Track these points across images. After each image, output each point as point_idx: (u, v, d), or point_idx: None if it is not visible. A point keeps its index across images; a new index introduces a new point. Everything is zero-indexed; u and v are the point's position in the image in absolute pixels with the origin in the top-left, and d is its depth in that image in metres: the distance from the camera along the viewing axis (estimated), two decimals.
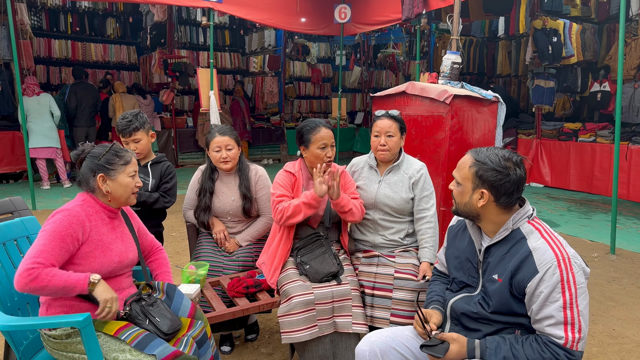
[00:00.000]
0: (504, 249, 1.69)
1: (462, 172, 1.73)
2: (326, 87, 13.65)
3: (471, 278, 1.80)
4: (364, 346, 1.84)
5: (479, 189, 1.68)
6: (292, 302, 2.38)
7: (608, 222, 6.05)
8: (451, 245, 1.94)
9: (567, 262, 1.56)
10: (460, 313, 1.76)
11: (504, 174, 1.64)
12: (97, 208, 1.99)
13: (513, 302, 1.64)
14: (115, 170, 1.97)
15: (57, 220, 1.84)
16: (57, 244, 1.82)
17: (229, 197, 2.89)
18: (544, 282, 1.55)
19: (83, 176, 1.98)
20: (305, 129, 2.64)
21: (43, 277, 1.75)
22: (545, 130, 8.71)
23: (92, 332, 1.77)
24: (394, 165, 2.68)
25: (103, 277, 1.93)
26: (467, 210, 1.73)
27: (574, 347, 1.53)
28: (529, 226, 1.68)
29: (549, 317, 1.55)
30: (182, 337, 1.97)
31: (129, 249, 2.06)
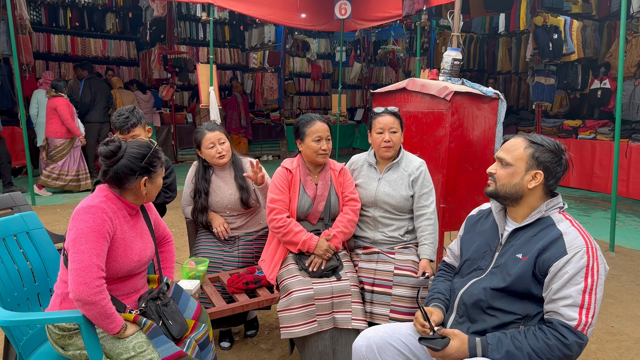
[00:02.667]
0: (533, 232, 1.72)
1: (516, 152, 1.74)
2: (326, 83, 13.63)
3: (483, 261, 1.83)
4: (361, 342, 1.84)
5: (532, 170, 1.71)
6: (291, 297, 2.38)
7: (607, 219, 6.06)
8: (469, 231, 1.98)
9: (595, 251, 1.60)
10: (470, 303, 1.77)
11: (558, 157, 1.70)
12: (119, 205, 1.92)
13: (532, 282, 1.65)
14: (156, 173, 1.94)
15: (90, 219, 1.77)
16: (104, 243, 1.78)
17: (226, 192, 2.89)
18: (571, 263, 1.58)
19: (119, 175, 1.87)
20: (301, 123, 2.64)
21: (104, 296, 1.75)
22: (545, 127, 8.71)
23: (92, 328, 1.77)
24: (393, 163, 2.68)
25: (121, 277, 1.91)
26: (514, 191, 1.74)
27: (585, 330, 1.55)
28: (559, 215, 1.73)
29: (567, 297, 1.57)
30: (186, 339, 1.97)
31: (147, 246, 2.03)
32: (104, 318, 1.75)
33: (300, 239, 2.52)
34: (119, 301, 1.92)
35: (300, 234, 2.53)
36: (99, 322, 1.76)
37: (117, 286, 1.93)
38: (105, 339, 1.84)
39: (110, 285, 1.90)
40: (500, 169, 1.79)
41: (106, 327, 1.78)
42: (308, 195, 2.62)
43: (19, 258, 2.11)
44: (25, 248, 2.16)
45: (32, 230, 2.22)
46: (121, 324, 1.81)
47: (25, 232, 2.18)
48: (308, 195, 2.62)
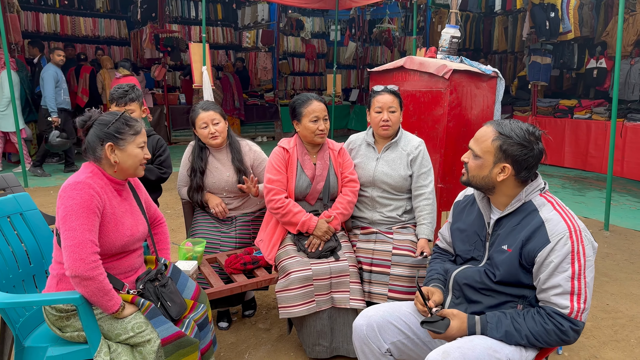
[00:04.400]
0: (516, 220, 1.68)
1: (484, 145, 1.68)
2: (320, 63, 13.48)
3: (477, 252, 1.80)
4: (362, 320, 1.84)
5: (500, 163, 1.65)
6: (290, 277, 2.37)
7: (602, 199, 6.09)
8: (457, 219, 1.92)
9: (578, 234, 1.57)
10: (464, 283, 1.76)
11: (528, 149, 1.62)
12: (105, 180, 1.90)
13: (521, 272, 1.64)
14: (125, 140, 1.89)
15: (77, 195, 1.75)
16: (94, 218, 1.76)
17: (223, 174, 2.86)
18: (555, 252, 1.55)
19: (89, 144, 1.88)
20: (297, 103, 2.60)
21: (101, 271, 1.74)
22: (540, 107, 8.68)
23: (89, 309, 1.76)
24: (392, 142, 2.65)
25: (115, 254, 1.90)
26: (484, 183, 1.71)
27: (579, 317, 1.55)
28: (541, 199, 1.68)
29: (556, 286, 1.55)
30: (184, 319, 1.96)
31: (139, 222, 2.01)
32: (102, 295, 1.74)
33: (300, 219, 2.50)
34: (117, 279, 1.90)
35: (299, 214, 2.51)
36: (97, 300, 1.74)
37: (114, 264, 1.92)
38: (104, 319, 1.83)
39: (107, 264, 1.89)
40: (471, 159, 1.73)
41: (105, 305, 1.77)
42: (306, 175, 2.59)
43: (13, 240, 2.08)
44: (19, 229, 2.13)
45: (26, 212, 2.18)
46: (119, 302, 1.80)
47: (19, 213, 2.15)
48: (306, 175, 2.59)
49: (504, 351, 1.57)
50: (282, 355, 2.61)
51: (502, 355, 1.56)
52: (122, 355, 1.79)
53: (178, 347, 1.82)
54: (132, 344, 1.81)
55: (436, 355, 1.53)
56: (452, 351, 1.52)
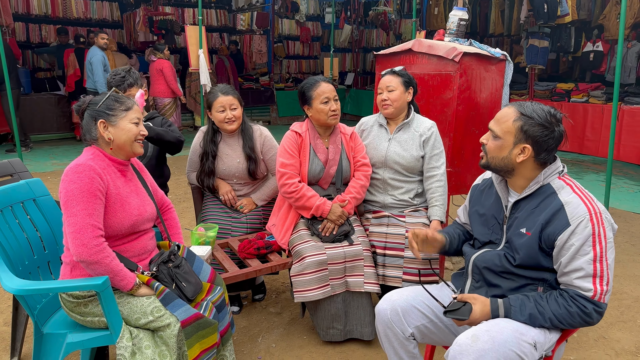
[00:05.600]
0: (534, 203, 1.68)
1: (504, 125, 1.67)
2: (315, 46, 13.34)
3: (495, 235, 1.80)
4: (385, 305, 1.84)
5: (521, 144, 1.64)
6: (305, 262, 2.37)
7: (600, 182, 6.15)
8: (476, 203, 1.92)
9: (599, 216, 1.57)
10: (484, 267, 1.77)
11: (549, 130, 1.61)
12: (107, 162, 1.90)
13: (540, 256, 1.64)
14: (116, 116, 1.89)
15: (77, 179, 1.76)
16: (96, 202, 1.76)
17: (234, 160, 2.83)
18: (576, 235, 1.55)
19: (85, 127, 1.90)
20: (306, 87, 2.58)
21: (107, 254, 1.75)
22: (537, 90, 8.69)
23: (111, 295, 1.74)
24: (404, 123, 2.64)
25: (125, 235, 1.90)
26: (503, 164, 1.70)
27: (602, 299, 1.56)
28: (559, 181, 1.67)
29: (579, 269, 1.56)
30: (202, 302, 1.96)
31: (146, 203, 2.01)
32: (113, 275, 1.76)
33: (314, 203, 2.49)
34: (131, 261, 1.91)
35: (313, 198, 2.50)
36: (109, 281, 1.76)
37: (126, 247, 1.92)
38: (122, 304, 1.82)
39: (119, 247, 1.89)
40: (490, 141, 1.73)
41: (118, 285, 1.79)
42: (319, 159, 2.58)
43: (27, 226, 2.05)
44: (33, 215, 2.10)
45: (39, 198, 2.16)
46: (133, 280, 1.81)
47: (32, 199, 2.12)
48: (319, 159, 2.58)
49: (529, 334, 1.59)
50: (296, 339, 2.62)
51: (528, 338, 1.57)
52: (144, 341, 1.79)
53: (197, 328, 1.82)
54: (152, 328, 1.81)
55: (465, 339, 1.53)
56: (481, 335, 1.53)
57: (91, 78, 7.48)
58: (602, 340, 2.65)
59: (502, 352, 1.50)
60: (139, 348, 1.78)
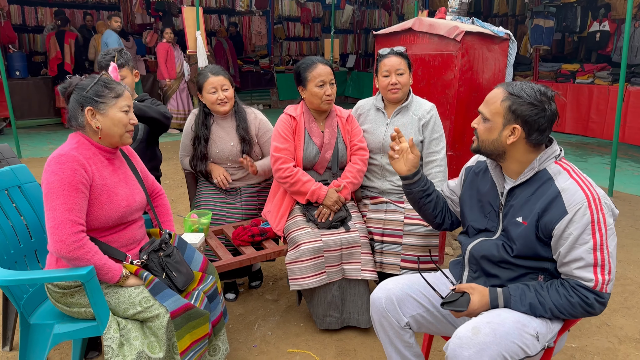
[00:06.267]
0: (530, 190, 1.60)
1: (493, 106, 1.59)
2: (316, 27, 13.14)
3: (491, 222, 1.72)
4: (380, 293, 1.78)
5: (510, 125, 1.56)
6: (300, 249, 2.31)
7: (604, 164, 6.06)
8: (470, 187, 1.84)
9: (597, 202, 1.49)
10: (481, 256, 1.70)
11: (539, 109, 1.52)
12: (93, 150, 1.81)
13: (538, 246, 1.57)
14: (106, 104, 1.78)
15: (59, 171, 1.67)
16: (77, 195, 1.68)
17: (227, 142, 2.75)
18: (574, 223, 1.48)
19: (71, 112, 1.80)
20: (302, 67, 2.48)
21: (87, 249, 1.67)
22: (542, 71, 8.54)
23: (97, 286, 1.69)
24: (402, 107, 2.55)
25: (113, 225, 1.83)
26: (493, 147, 1.62)
27: (604, 289, 1.49)
28: (556, 166, 1.59)
29: (578, 259, 1.49)
30: (193, 291, 1.90)
31: (135, 192, 1.93)
32: (97, 269, 1.69)
33: (309, 188, 2.42)
34: (119, 251, 1.84)
35: (308, 183, 2.43)
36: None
37: (114, 237, 1.85)
38: (110, 294, 1.77)
39: (107, 237, 1.83)
40: (480, 124, 1.65)
41: (103, 278, 1.73)
42: (314, 143, 2.50)
43: (12, 214, 1.99)
44: (18, 203, 2.03)
45: (25, 184, 2.09)
46: (119, 272, 1.75)
47: (17, 186, 2.05)
48: (314, 143, 2.50)
49: (532, 324, 1.53)
50: (292, 326, 2.58)
51: (530, 329, 1.51)
52: (132, 332, 1.73)
53: (188, 319, 1.77)
54: (141, 319, 1.76)
55: (465, 332, 1.47)
56: (482, 327, 1.47)
57: None
58: (605, 327, 2.60)
59: (504, 344, 1.44)
60: (127, 339, 1.73)
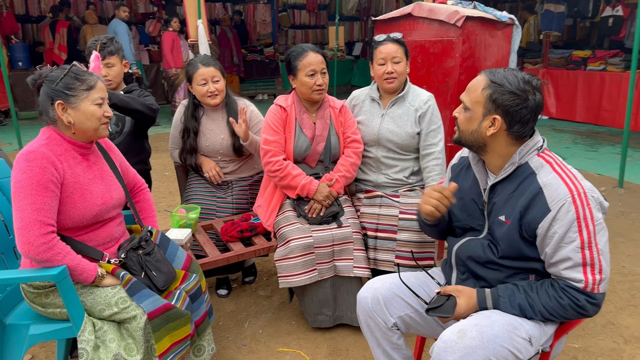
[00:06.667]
0: (511, 186, 1.49)
1: (473, 94, 1.48)
2: (322, 15, 12.94)
3: (476, 221, 1.62)
4: (366, 293, 1.70)
5: (490, 115, 1.45)
6: (289, 245, 2.22)
7: (615, 154, 5.88)
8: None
9: (582, 197, 1.37)
10: (467, 257, 1.60)
11: (522, 99, 1.41)
12: (65, 145, 1.72)
13: (524, 246, 1.47)
14: (77, 97, 1.68)
15: (27, 169, 1.59)
16: (46, 194, 1.59)
17: (217, 135, 2.66)
18: (558, 221, 1.37)
19: (42, 106, 1.70)
20: (292, 55, 2.37)
21: (57, 251, 1.59)
22: (552, 58, 8.30)
23: (70, 286, 1.61)
24: (398, 97, 2.43)
25: (88, 224, 1.75)
26: (473, 139, 1.52)
27: (595, 289, 1.39)
28: (538, 159, 1.47)
29: (566, 259, 1.39)
30: (175, 290, 1.82)
31: (112, 188, 1.84)
32: (69, 271, 1.61)
33: (299, 183, 2.33)
34: (96, 249, 1.77)
35: (298, 177, 2.33)
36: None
37: (89, 236, 1.77)
38: (85, 294, 1.69)
39: (82, 236, 1.75)
40: (461, 114, 1.54)
41: (77, 279, 1.65)
42: (305, 135, 2.40)
43: None
44: None
45: (2, 180, 2.01)
46: (94, 272, 1.67)
47: None
48: (305, 135, 2.39)
49: (523, 327, 1.43)
50: (284, 324, 2.50)
51: (522, 332, 1.42)
52: (108, 334, 1.66)
53: (167, 320, 1.69)
54: (117, 320, 1.68)
55: (451, 335, 1.38)
56: (469, 330, 1.37)
57: None
58: (610, 326, 2.48)
59: (491, 348, 1.35)
60: (103, 341, 1.66)
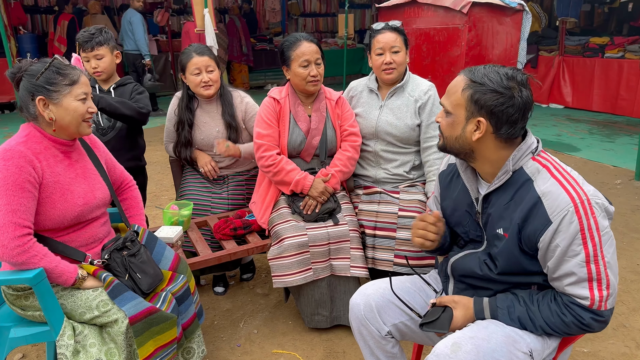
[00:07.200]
0: (507, 196, 1.36)
1: (454, 97, 1.35)
2: (333, 2, 12.73)
3: (473, 232, 1.50)
4: (359, 299, 1.60)
5: (474, 118, 1.32)
6: (283, 244, 2.14)
7: (633, 145, 5.67)
8: (445, 195, 1.60)
9: (586, 204, 1.24)
10: (462, 274, 1.50)
11: (506, 97, 1.28)
12: (46, 143, 1.65)
13: (524, 260, 1.35)
14: (59, 92, 1.61)
15: (3, 168, 1.52)
16: (22, 195, 1.52)
17: (212, 128, 2.57)
18: (560, 233, 1.24)
19: (22, 100, 1.63)
20: (285, 45, 2.26)
21: (34, 253, 1.52)
22: (569, 46, 8.05)
23: (48, 289, 1.55)
24: (397, 87, 2.31)
25: (70, 225, 1.68)
26: (458, 145, 1.38)
27: (602, 306, 1.27)
28: (533, 164, 1.34)
29: (569, 274, 1.27)
30: (161, 292, 1.75)
31: (95, 187, 1.77)
32: (47, 274, 1.55)
33: (293, 178, 2.23)
34: (78, 250, 1.70)
35: (292, 172, 2.24)
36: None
37: (71, 237, 1.70)
38: (65, 297, 1.63)
39: (65, 237, 1.69)
40: (443, 119, 1.40)
41: (56, 281, 1.59)
42: (300, 128, 2.29)
43: None
44: None
45: None
46: (74, 275, 1.60)
47: None
48: (300, 129, 2.29)
49: (524, 340, 1.32)
50: (280, 324, 2.43)
51: (522, 346, 1.31)
52: (89, 338, 1.60)
53: (150, 324, 1.61)
54: (98, 324, 1.62)
55: (444, 348, 1.28)
56: (464, 343, 1.27)
57: (131, 39, 7.40)
58: (622, 329, 2.36)
59: None
60: (84, 346, 1.59)
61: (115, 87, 2.52)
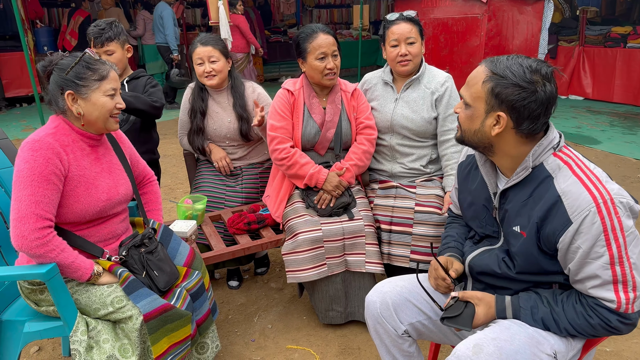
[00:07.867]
0: (525, 192, 1.30)
1: (473, 89, 1.29)
2: None
3: (490, 228, 1.45)
4: (375, 297, 1.56)
5: (494, 112, 1.26)
6: (297, 239, 2.11)
7: None
8: (463, 188, 1.55)
9: (609, 204, 1.18)
10: (480, 272, 1.44)
11: (529, 92, 1.21)
12: (74, 136, 1.65)
13: (543, 260, 1.29)
14: (88, 87, 1.60)
15: (30, 159, 1.51)
16: (47, 187, 1.52)
17: (224, 119, 2.55)
18: (582, 234, 1.19)
19: (51, 94, 1.63)
20: (301, 37, 2.22)
21: (52, 247, 1.51)
22: (589, 36, 7.84)
23: (61, 284, 1.54)
24: (413, 79, 2.26)
25: (90, 220, 1.67)
26: (477, 139, 1.33)
27: (629, 309, 1.21)
28: (554, 160, 1.28)
29: (593, 276, 1.21)
30: (175, 289, 1.74)
31: (119, 183, 1.76)
32: (63, 268, 1.54)
33: (307, 172, 2.20)
34: (96, 246, 1.69)
35: (306, 166, 2.20)
36: (61, 273, 1.55)
37: (91, 232, 1.69)
38: (80, 292, 1.62)
39: (85, 230, 1.68)
40: (462, 110, 1.35)
41: (71, 276, 1.58)
42: (314, 120, 2.25)
43: None
44: None
45: (1, 170, 1.95)
46: (90, 270, 1.59)
47: None
48: (314, 121, 2.25)
49: (548, 342, 1.28)
50: (294, 319, 2.40)
51: (546, 347, 1.26)
52: (102, 334, 1.59)
53: (165, 321, 1.60)
54: (113, 320, 1.61)
55: (465, 350, 1.24)
56: (486, 345, 1.23)
57: (161, 32, 7.45)
58: None
59: None
60: (97, 342, 1.58)
61: (128, 80, 2.52)
